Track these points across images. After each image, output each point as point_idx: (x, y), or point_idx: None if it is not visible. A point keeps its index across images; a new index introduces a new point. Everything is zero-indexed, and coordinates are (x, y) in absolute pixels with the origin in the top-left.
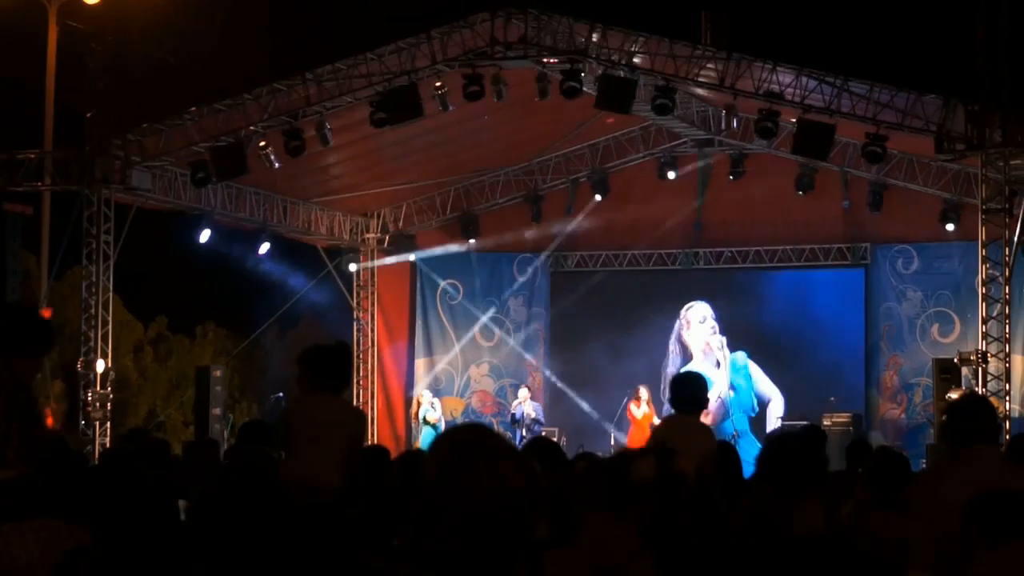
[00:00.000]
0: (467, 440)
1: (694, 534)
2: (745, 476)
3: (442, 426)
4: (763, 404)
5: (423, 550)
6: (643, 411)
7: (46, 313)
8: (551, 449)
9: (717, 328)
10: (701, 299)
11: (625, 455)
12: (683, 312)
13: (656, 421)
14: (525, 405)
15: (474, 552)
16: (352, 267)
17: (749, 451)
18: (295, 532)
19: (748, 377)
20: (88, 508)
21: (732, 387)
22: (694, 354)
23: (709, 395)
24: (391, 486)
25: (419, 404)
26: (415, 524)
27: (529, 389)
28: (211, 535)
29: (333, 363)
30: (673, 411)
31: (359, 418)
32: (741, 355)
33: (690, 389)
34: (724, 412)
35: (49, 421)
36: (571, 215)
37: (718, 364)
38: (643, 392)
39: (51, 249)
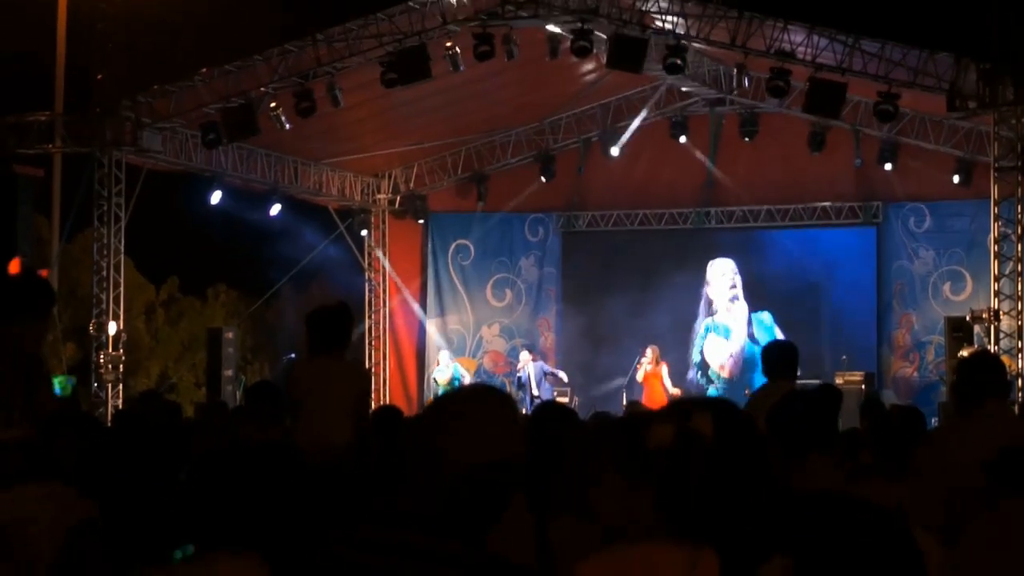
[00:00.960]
0: (446, 403)
1: (709, 499)
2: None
3: (456, 382)
4: None
5: (402, 511)
6: (645, 370)
7: (43, 273)
8: (560, 412)
9: (737, 282)
10: (723, 256)
11: (643, 419)
12: (708, 268)
13: (666, 379)
14: (528, 367)
15: (450, 514)
16: (363, 233)
17: None
18: (310, 491)
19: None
20: (98, 472)
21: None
22: (718, 309)
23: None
24: (402, 447)
25: (437, 365)
26: (397, 485)
27: (530, 351)
28: (218, 498)
29: (333, 324)
30: (766, 379)
31: (363, 376)
32: (767, 316)
33: (780, 356)
34: (743, 365)
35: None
36: (582, 175)
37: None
38: (648, 352)
39: (62, 212)
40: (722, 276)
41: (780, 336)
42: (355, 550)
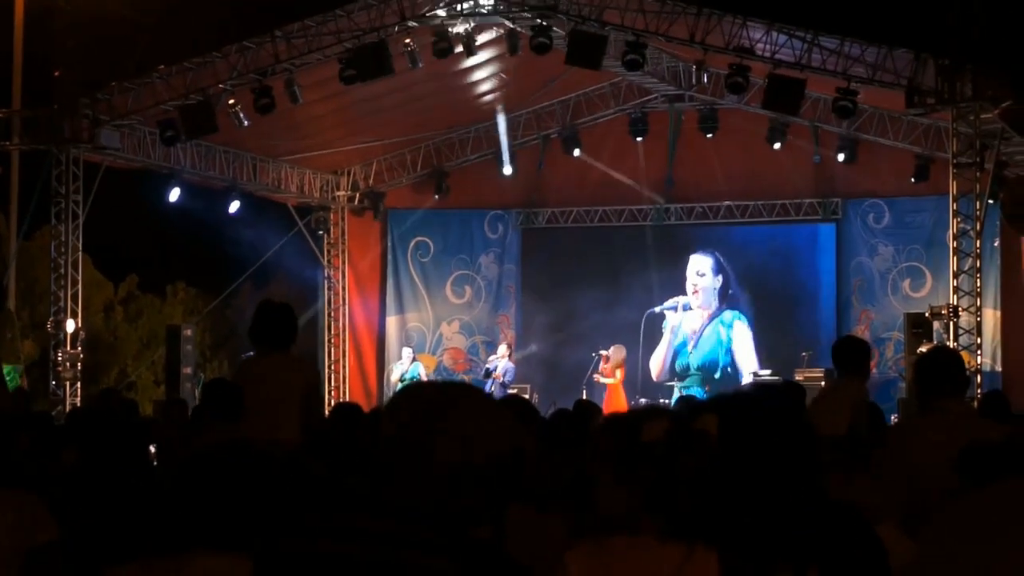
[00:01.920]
0: (435, 397)
1: (704, 496)
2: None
3: (409, 378)
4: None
5: (383, 500)
6: (611, 379)
7: None
8: (522, 406)
9: (699, 282)
10: (700, 251)
11: (639, 414)
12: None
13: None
14: (501, 362)
15: (437, 507)
16: (321, 230)
17: None
18: (257, 486)
19: (728, 337)
20: (53, 472)
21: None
22: (691, 304)
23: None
24: (361, 443)
25: (399, 361)
26: (375, 475)
27: (509, 348)
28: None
29: (274, 321)
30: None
31: (309, 369)
32: (728, 314)
33: (851, 351)
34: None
35: (23, 382)
36: (541, 171)
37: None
38: (612, 351)
39: (20, 209)
40: (697, 275)
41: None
42: (336, 539)
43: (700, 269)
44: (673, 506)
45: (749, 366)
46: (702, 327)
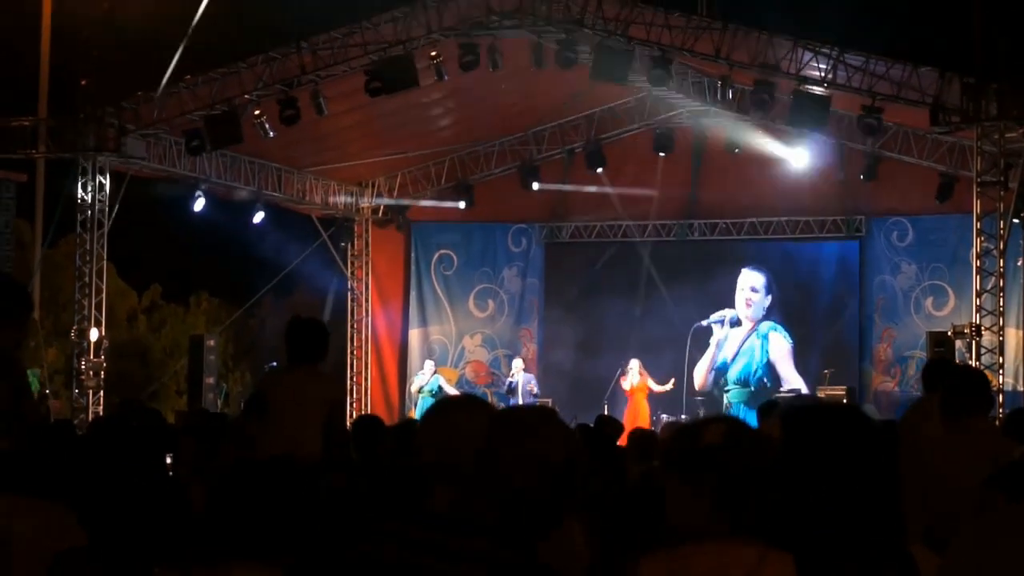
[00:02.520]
0: (510, 418)
1: (768, 499)
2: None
3: (436, 392)
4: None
5: (463, 517)
6: (631, 382)
7: None
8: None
9: (753, 297)
10: (751, 267)
11: (699, 421)
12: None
13: (651, 384)
14: (519, 375)
15: (513, 520)
16: (346, 242)
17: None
18: (277, 499)
19: (763, 349)
20: (75, 481)
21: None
22: (741, 317)
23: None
24: (384, 456)
25: (421, 373)
26: (457, 492)
27: (524, 360)
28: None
29: (304, 335)
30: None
31: (335, 385)
32: (765, 325)
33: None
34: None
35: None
36: (566, 186)
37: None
38: (633, 363)
39: (45, 217)
40: (740, 291)
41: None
42: (384, 547)
43: (754, 285)
44: (739, 509)
45: (789, 376)
46: (742, 340)
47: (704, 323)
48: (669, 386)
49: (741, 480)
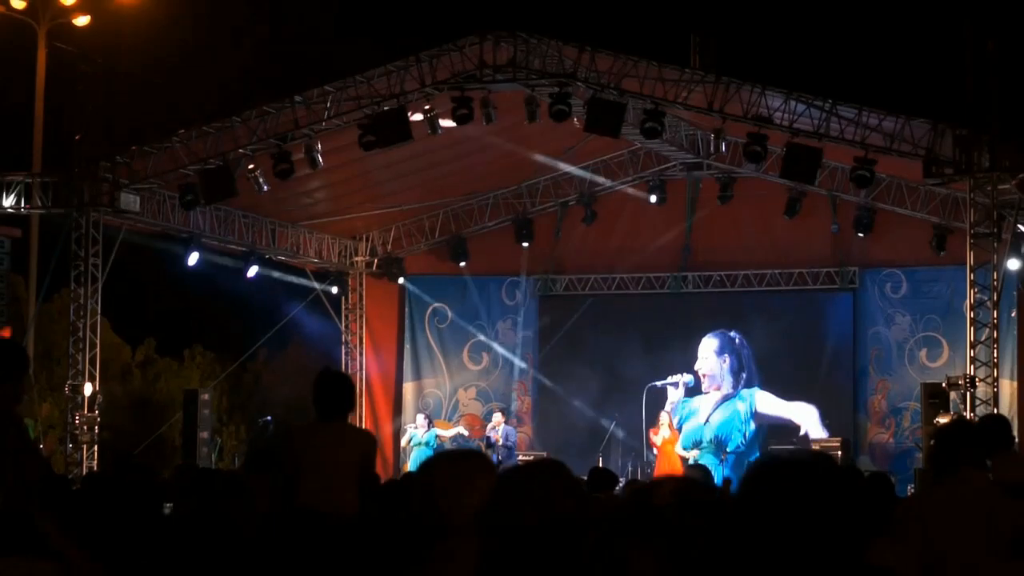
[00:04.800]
0: (514, 475)
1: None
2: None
3: (432, 445)
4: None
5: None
6: (663, 436)
7: (4, 333)
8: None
9: (712, 361)
10: (712, 333)
11: (651, 482)
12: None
13: (679, 447)
14: (499, 429)
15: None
16: (334, 290)
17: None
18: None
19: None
20: (72, 536)
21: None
22: (700, 384)
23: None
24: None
25: (413, 427)
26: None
27: (504, 413)
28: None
29: (334, 389)
30: None
31: (366, 438)
32: (747, 391)
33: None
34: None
35: (47, 446)
36: (559, 239)
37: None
38: (663, 417)
39: (39, 271)
40: (705, 358)
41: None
42: None
43: (707, 352)
44: (693, 571)
45: (789, 412)
46: (717, 403)
47: (659, 384)
48: (693, 453)
49: (692, 541)
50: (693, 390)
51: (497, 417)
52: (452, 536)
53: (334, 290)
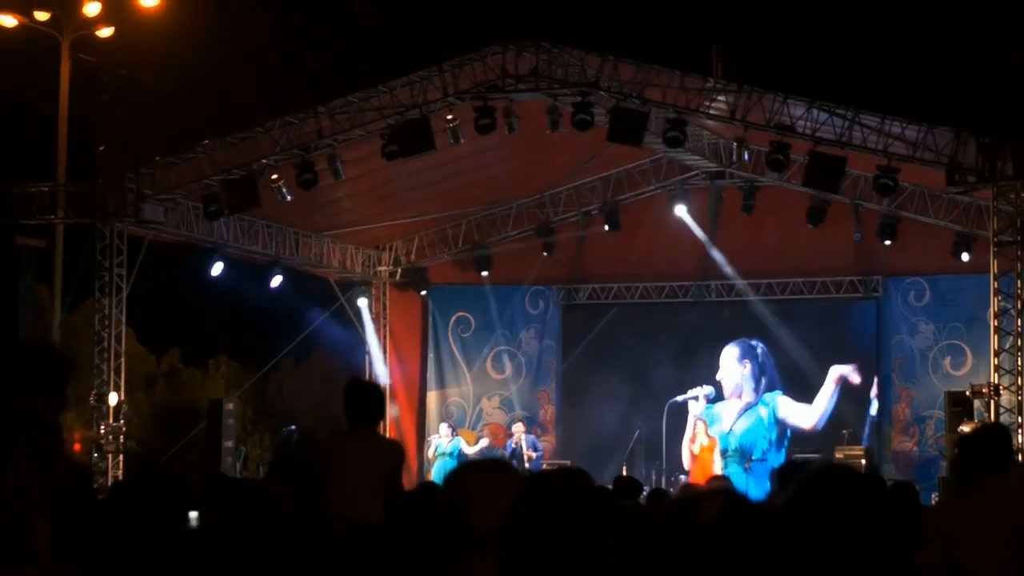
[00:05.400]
0: (540, 482)
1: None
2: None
3: (456, 455)
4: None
5: None
6: (701, 444)
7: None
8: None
9: (736, 369)
10: (734, 342)
11: (696, 495)
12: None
13: (716, 455)
14: (521, 439)
15: None
16: (362, 301)
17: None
18: (336, 562)
19: (771, 414)
20: (97, 545)
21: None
22: (722, 392)
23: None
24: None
25: (437, 436)
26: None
27: (524, 424)
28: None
29: (365, 399)
30: None
31: (395, 448)
32: (768, 396)
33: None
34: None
35: (76, 447)
36: (582, 248)
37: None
38: (699, 425)
39: (64, 282)
40: (728, 365)
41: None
42: None
43: (728, 361)
44: None
45: (803, 419)
46: (740, 412)
47: (679, 399)
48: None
49: (739, 558)
50: (715, 399)
51: (518, 427)
52: (478, 545)
53: (363, 302)
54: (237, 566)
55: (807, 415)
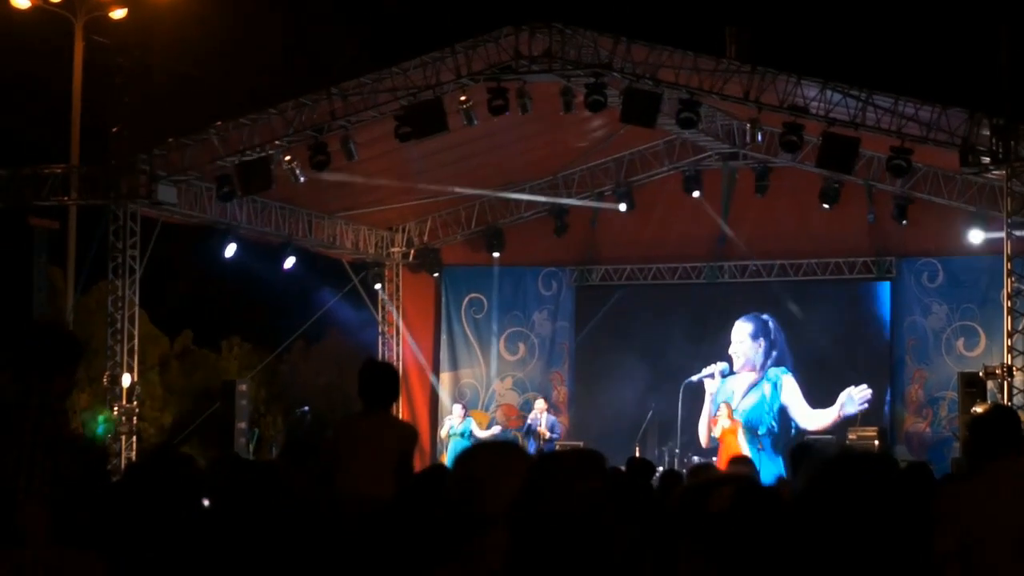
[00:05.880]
0: (550, 465)
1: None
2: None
3: (467, 435)
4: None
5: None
6: (722, 426)
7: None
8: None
9: (747, 344)
10: (745, 317)
11: (708, 483)
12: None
13: (740, 436)
14: (541, 418)
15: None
16: (377, 287)
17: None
18: (346, 542)
19: (775, 394)
20: (111, 527)
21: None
22: (733, 368)
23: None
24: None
25: (450, 416)
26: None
27: (546, 401)
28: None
29: (379, 380)
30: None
31: (407, 430)
32: (774, 371)
33: None
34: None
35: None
36: (595, 229)
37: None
38: (723, 408)
39: (77, 263)
40: (740, 343)
41: (790, 387)
42: None
43: (740, 336)
44: (750, 572)
45: (804, 418)
46: (747, 388)
47: (695, 379)
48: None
49: (750, 546)
50: (728, 374)
51: (540, 404)
52: (489, 526)
53: (376, 286)
54: (248, 547)
55: (813, 418)
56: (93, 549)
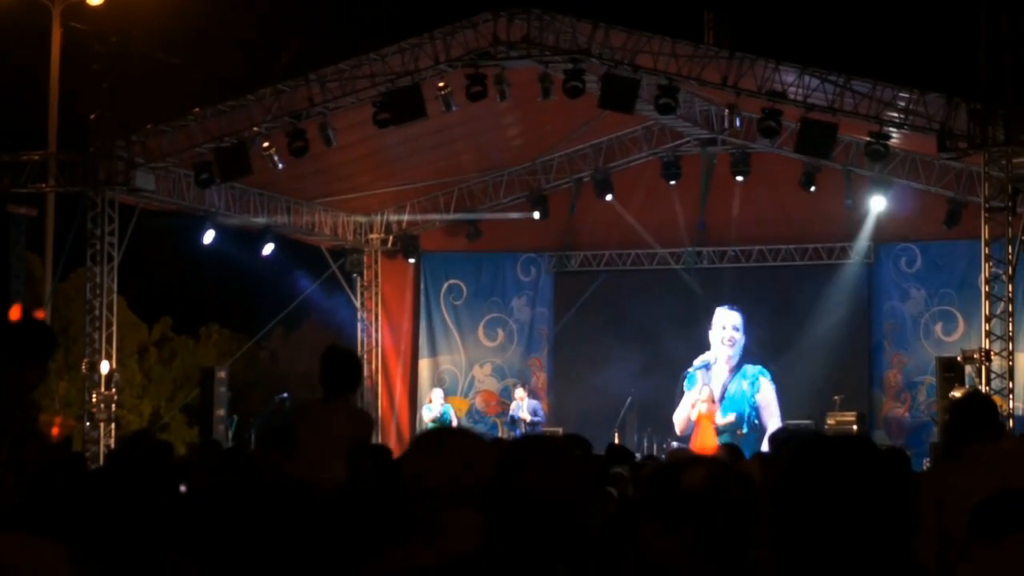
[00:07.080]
0: (518, 443)
1: (745, 546)
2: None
3: (448, 421)
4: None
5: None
6: (699, 411)
7: (39, 315)
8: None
9: (734, 336)
10: (728, 306)
11: (678, 463)
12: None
13: (718, 421)
14: (522, 404)
15: (522, 549)
16: (355, 273)
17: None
18: (293, 527)
19: (752, 392)
20: (85, 518)
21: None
22: (720, 358)
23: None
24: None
25: (429, 403)
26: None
27: (526, 389)
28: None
29: (339, 366)
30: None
31: (362, 419)
32: (751, 368)
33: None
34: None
35: (55, 431)
36: (574, 215)
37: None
38: (704, 391)
39: (55, 250)
40: (722, 330)
41: (766, 389)
42: None
43: (735, 324)
44: (722, 554)
45: (774, 422)
46: (726, 382)
47: (691, 370)
48: (731, 418)
49: (722, 525)
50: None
51: (520, 392)
52: (446, 508)
53: (355, 273)
54: (222, 531)
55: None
56: (63, 540)
